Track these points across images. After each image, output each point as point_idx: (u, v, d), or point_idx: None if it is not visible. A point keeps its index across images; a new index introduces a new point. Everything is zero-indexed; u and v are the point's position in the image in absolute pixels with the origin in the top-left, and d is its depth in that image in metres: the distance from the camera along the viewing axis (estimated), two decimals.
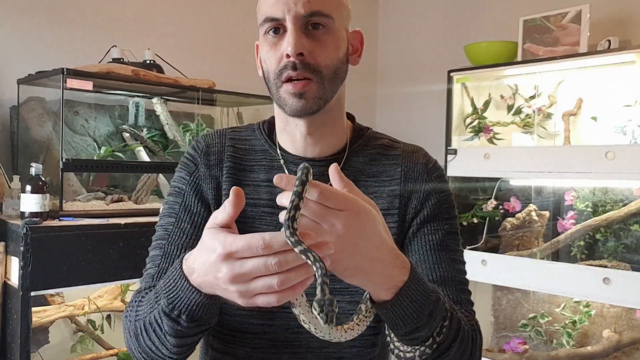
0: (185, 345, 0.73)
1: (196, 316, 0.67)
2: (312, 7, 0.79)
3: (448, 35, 3.10)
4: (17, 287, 1.69)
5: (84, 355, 2.09)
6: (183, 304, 0.66)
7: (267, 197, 0.88)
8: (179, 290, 0.66)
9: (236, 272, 0.58)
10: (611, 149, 2.00)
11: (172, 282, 0.67)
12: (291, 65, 0.79)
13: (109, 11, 2.38)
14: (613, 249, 2.14)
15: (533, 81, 2.48)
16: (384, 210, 0.87)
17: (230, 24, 2.77)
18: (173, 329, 0.69)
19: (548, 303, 2.39)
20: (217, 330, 0.88)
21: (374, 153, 0.92)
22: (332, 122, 0.89)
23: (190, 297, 0.66)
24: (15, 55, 2.12)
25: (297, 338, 0.76)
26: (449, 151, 2.46)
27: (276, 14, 0.80)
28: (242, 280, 0.58)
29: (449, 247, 0.88)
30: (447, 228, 0.89)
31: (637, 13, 2.41)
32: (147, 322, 0.73)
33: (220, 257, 0.58)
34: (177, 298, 0.67)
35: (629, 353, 2.17)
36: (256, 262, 0.57)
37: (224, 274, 0.58)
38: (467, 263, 0.95)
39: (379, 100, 3.49)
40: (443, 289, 0.84)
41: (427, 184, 0.91)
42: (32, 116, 2.08)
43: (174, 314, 0.67)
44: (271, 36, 0.82)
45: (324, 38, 0.81)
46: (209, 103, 2.50)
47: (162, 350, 0.73)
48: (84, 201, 1.99)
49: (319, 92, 0.81)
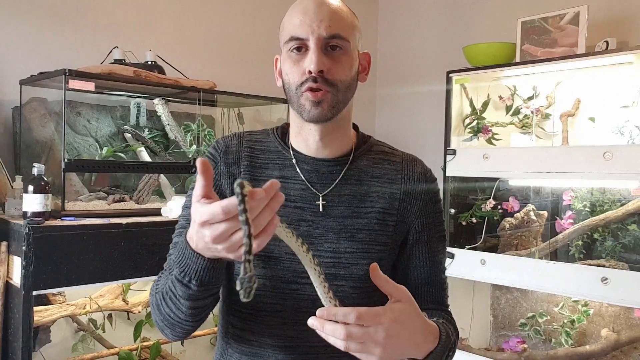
0: (197, 308, 0.84)
1: (204, 280, 0.78)
2: (332, 31, 0.91)
3: (447, 36, 3.12)
4: (19, 287, 1.70)
5: (86, 355, 2.10)
6: (191, 269, 0.77)
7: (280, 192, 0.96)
8: (187, 259, 0.77)
9: (215, 235, 0.68)
10: (609, 150, 2.01)
11: (181, 253, 0.78)
12: (312, 79, 0.90)
13: (111, 12, 2.39)
14: (611, 248, 2.15)
15: (531, 82, 2.49)
16: (385, 210, 0.98)
17: (231, 25, 2.78)
18: (186, 293, 0.80)
19: (547, 302, 2.40)
20: (235, 309, 0.98)
21: (376, 158, 1.03)
22: (341, 129, 0.99)
23: (197, 263, 0.76)
24: (17, 56, 2.14)
25: (305, 317, 0.81)
26: (448, 151, 2.47)
27: (301, 34, 0.91)
28: (223, 239, 0.68)
29: (439, 252, 1.03)
30: (438, 235, 1.03)
31: (634, 14, 2.42)
32: (164, 292, 0.86)
33: (200, 225, 0.69)
34: (186, 266, 0.78)
35: (627, 352, 2.18)
36: (227, 225, 0.67)
37: (208, 237, 0.69)
38: (466, 263, 1.02)
39: (379, 101, 3.50)
40: (431, 289, 1.01)
41: (426, 192, 1.02)
42: (34, 117, 2.09)
43: (185, 280, 0.78)
44: (295, 54, 0.93)
45: (341, 58, 0.93)
46: (209, 104, 2.51)
47: (179, 315, 0.85)
48: (86, 201, 2.00)
49: (334, 102, 0.92)
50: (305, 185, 0.98)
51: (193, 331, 0.91)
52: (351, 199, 0.98)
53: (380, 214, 0.98)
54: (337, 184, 0.98)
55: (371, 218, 0.97)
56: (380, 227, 0.97)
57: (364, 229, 0.96)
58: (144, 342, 2.23)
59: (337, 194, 0.98)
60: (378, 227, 0.97)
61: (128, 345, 2.20)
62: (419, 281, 1.01)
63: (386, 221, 0.98)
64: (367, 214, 0.97)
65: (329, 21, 0.91)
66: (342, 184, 0.99)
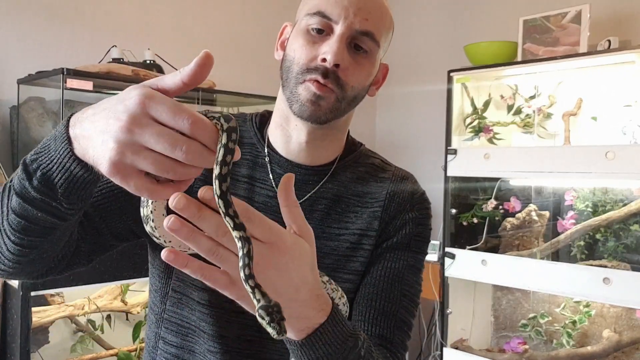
0: (26, 236, 0.59)
1: (52, 180, 0.53)
2: (367, 26, 0.76)
3: (448, 35, 3.10)
4: (17, 287, 1.69)
5: (84, 355, 2.09)
6: (53, 162, 0.53)
7: (244, 194, 0.83)
8: (52, 141, 0.54)
9: (139, 122, 0.46)
10: (611, 149, 2.00)
11: (52, 136, 0.55)
12: (322, 70, 0.75)
13: (109, 11, 2.38)
14: (613, 248, 2.14)
15: (533, 81, 2.48)
16: (362, 231, 0.83)
17: (231, 24, 2.77)
18: (21, 185, 0.55)
19: (548, 303, 2.39)
20: (173, 322, 0.84)
21: (362, 171, 0.89)
22: (331, 137, 0.86)
23: (65, 158, 0.52)
24: (15, 55, 2.12)
25: (249, 347, 0.73)
26: (449, 151, 2.46)
27: (331, 13, 0.75)
28: (137, 140, 0.46)
29: (404, 280, 0.83)
30: (411, 261, 0.85)
31: (637, 13, 2.41)
32: None
33: (139, 97, 0.46)
34: (45, 154, 0.54)
35: (629, 353, 2.17)
36: (166, 131, 0.46)
37: (148, 135, 0.46)
38: (467, 263, 0.94)
39: (379, 100, 3.49)
40: (380, 321, 0.79)
41: (408, 213, 0.86)
42: (32, 116, 2.08)
43: (32, 167, 0.55)
44: (314, 33, 0.77)
45: (363, 62, 0.79)
46: (209, 103, 2.50)
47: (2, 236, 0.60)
48: None
49: (335, 106, 0.78)
50: (273, 192, 0.82)
51: (15, 273, 0.66)
52: (324, 216, 0.83)
53: (355, 236, 0.83)
54: (310, 196, 0.83)
55: (342, 241, 0.83)
56: (353, 251, 0.83)
57: (332, 254, 0.82)
58: (143, 343, 2.22)
59: (309, 208, 0.83)
60: (350, 252, 0.83)
61: (127, 346, 2.20)
62: (365, 302, 0.80)
63: (362, 244, 0.83)
64: (339, 236, 0.83)
65: (368, 14, 0.76)
66: (317, 198, 0.84)
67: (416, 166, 1.00)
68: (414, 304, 0.84)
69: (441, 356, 2.48)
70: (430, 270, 2.58)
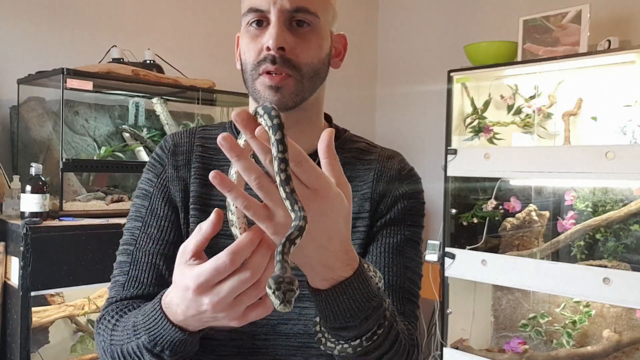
0: None
1: (179, 350, 0.66)
2: (298, 3, 0.77)
3: (448, 35, 3.10)
4: (17, 287, 1.69)
5: (84, 356, 2.09)
6: (165, 340, 0.65)
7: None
8: (160, 329, 0.65)
9: (216, 300, 0.56)
10: (611, 149, 2.00)
11: (153, 321, 0.66)
12: (270, 59, 0.77)
13: (109, 11, 2.38)
14: (613, 249, 2.14)
15: (533, 81, 2.48)
16: (355, 214, 0.84)
17: (230, 24, 2.76)
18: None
19: (548, 303, 2.39)
20: None
21: (348, 157, 0.89)
22: (307, 121, 0.85)
23: (173, 335, 0.64)
24: (15, 55, 2.12)
25: (263, 345, 0.73)
26: (449, 151, 2.45)
27: (261, 5, 0.78)
28: (226, 304, 0.57)
29: (404, 254, 0.85)
30: (408, 235, 0.86)
31: (637, 13, 2.41)
32: (125, 351, 0.71)
33: (196, 292, 0.57)
34: (158, 335, 0.65)
35: (629, 353, 2.17)
36: (231, 284, 0.56)
37: (207, 305, 0.57)
38: (467, 263, 0.94)
39: (379, 100, 3.49)
40: (387, 295, 0.80)
41: (398, 189, 0.87)
42: (32, 116, 2.08)
43: (157, 350, 0.66)
44: (253, 28, 0.79)
45: (308, 36, 0.79)
46: (209, 103, 2.50)
47: None
48: (84, 201, 1.99)
49: (297, 89, 0.79)
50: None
51: None
52: None
53: None
54: None
55: None
56: None
57: None
58: None
59: None
60: None
61: None
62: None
63: (356, 227, 0.84)
64: None
65: None
66: None
67: (416, 166, 0.99)
68: (418, 276, 0.86)
69: (441, 356, 2.48)
70: (430, 270, 2.58)
